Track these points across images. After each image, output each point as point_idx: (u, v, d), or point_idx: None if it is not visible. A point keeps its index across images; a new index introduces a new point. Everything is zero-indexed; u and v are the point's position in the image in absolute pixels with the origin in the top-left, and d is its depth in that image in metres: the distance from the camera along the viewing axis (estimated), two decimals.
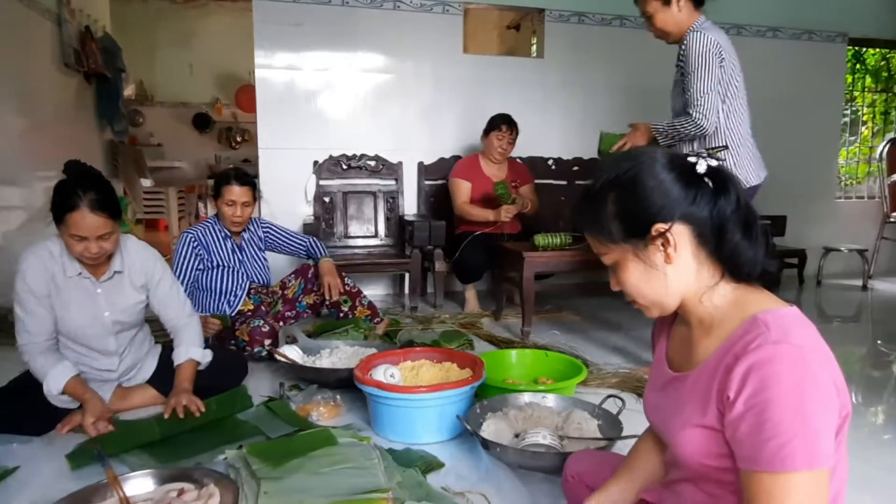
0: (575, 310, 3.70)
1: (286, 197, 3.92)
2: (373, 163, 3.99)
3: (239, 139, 8.45)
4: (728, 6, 4.51)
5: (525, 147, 3.96)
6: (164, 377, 2.14)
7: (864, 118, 5.42)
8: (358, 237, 3.98)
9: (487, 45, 5.66)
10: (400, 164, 4.05)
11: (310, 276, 2.96)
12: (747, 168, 2.36)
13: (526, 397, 1.96)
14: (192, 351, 2.11)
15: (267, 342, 2.59)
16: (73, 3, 4.52)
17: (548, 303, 3.81)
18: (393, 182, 4.04)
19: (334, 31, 3.90)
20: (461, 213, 3.68)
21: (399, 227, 3.99)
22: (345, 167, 3.96)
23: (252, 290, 2.91)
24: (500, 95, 4.12)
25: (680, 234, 0.91)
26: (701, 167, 0.92)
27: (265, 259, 2.99)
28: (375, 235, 4.00)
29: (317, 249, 3.01)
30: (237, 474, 1.58)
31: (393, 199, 4.03)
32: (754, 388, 0.80)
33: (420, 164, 4.08)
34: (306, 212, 3.95)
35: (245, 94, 7.99)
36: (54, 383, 1.88)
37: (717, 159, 1.00)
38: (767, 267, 0.93)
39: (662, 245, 0.92)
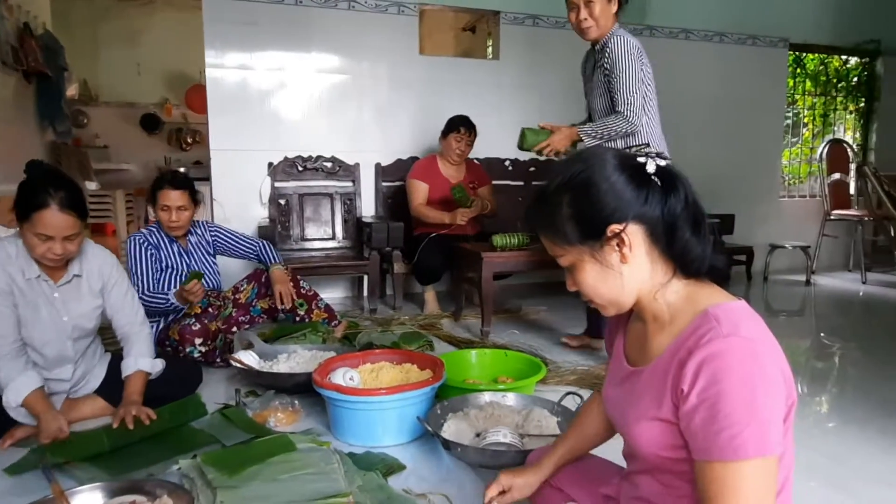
0: (533, 308, 3.74)
1: (240, 199, 3.83)
2: (329, 164, 3.95)
3: (190, 140, 8.24)
4: (676, 11, 4.67)
5: (482, 148, 3.98)
6: (113, 387, 2.07)
7: (805, 121, 5.66)
8: (315, 239, 3.92)
9: (443, 47, 5.67)
10: (357, 165, 4.01)
11: (263, 280, 2.89)
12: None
13: (486, 397, 1.97)
14: (141, 362, 2.04)
15: (198, 341, 2.55)
16: None
17: (507, 302, 3.84)
18: (350, 184, 4.00)
19: (288, 30, 3.83)
20: (417, 215, 3.66)
21: (357, 228, 3.95)
22: (300, 169, 3.90)
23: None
24: (456, 97, 4.13)
25: (634, 233, 0.93)
26: (650, 167, 0.94)
27: (215, 264, 2.91)
28: (333, 237, 3.95)
29: (268, 255, 2.91)
30: (192, 484, 1.53)
31: (350, 200, 3.99)
32: (707, 381, 0.83)
33: (377, 166, 4.06)
34: (261, 214, 3.87)
35: (196, 95, 7.79)
36: (14, 395, 1.78)
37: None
38: (715, 262, 0.95)
39: (618, 245, 0.93)
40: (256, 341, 2.68)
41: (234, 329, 2.77)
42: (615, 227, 0.92)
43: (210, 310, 2.76)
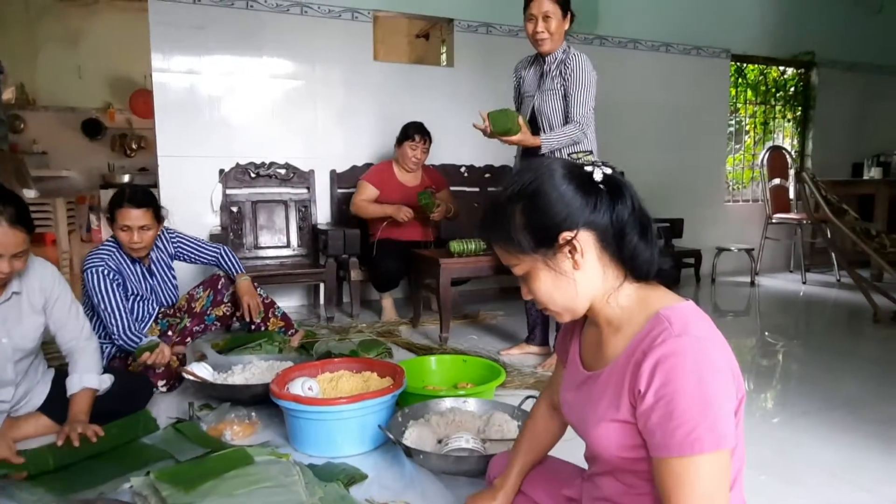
0: (490, 313, 3.77)
1: (190, 207, 3.72)
2: (283, 171, 3.88)
3: (135, 146, 7.99)
4: (626, 22, 4.81)
5: (438, 154, 3.99)
6: (57, 403, 1.96)
7: (747, 128, 5.91)
8: (269, 247, 3.85)
9: (397, 53, 5.68)
10: (312, 172, 3.96)
11: (219, 287, 2.78)
12: None
13: (447, 403, 1.96)
14: (87, 378, 1.94)
15: (161, 383, 2.39)
16: None
17: (464, 307, 3.86)
18: (305, 190, 3.94)
19: (238, 35, 3.76)
20: (357, 211, 3.60)
21: (312, 236, 3.89)
22: (253, 175, 3.82)
23: (160, 315, 2.70)
24: (412, 103, 4.13)
25: (585, 240, 0.96)
26: (597, 175, 0.97)
27: (175, 277, 2.75)
28: (287, 245, 3.88)
29: (231, 264, 2.79)
30: (145, 502, 1.47)
31: (305, 207, 3.93)
32: (662, 380, 0.86)
33: (332, 172, 4.01)
34: (213, 222, 3.77)
35: (141, 99, 7.55)
36: None
37: (580, 159, 1.07)
38: (663, 265, 1.00)
39: (570, 252, 0.96)
40: (210, 352, 2.61)
41: (189, 339, 2.69)
42: (567, 235, 0.95)
43: (170, 332, 2.63)
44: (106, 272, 2.39)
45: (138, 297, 2.57)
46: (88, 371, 1.96)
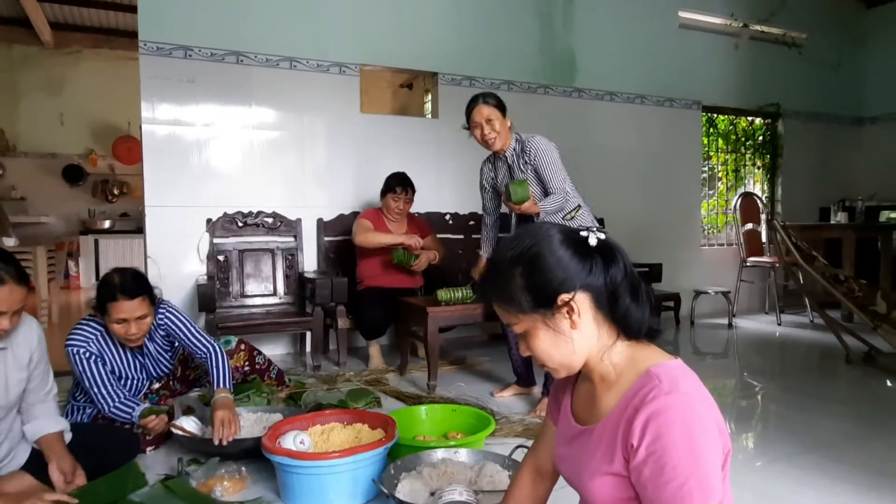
0: (477, 359, 3.80)
1: (177, 256, 3.74)
2: (270, 220, 3.93)
3: (116, 192, 7.96)
4: (601, 76, 5.03)
5: (423, 203, 4.08)
6: (42, 462, 1.93)
7: (720, 175, 6.13)
8: (255, 296, 3.85)
9: (381, 103, 5.83)
10: (299, 220, 4.01)
11: None
12: (590, 213, 2.95)
13: (439, 454, 1.97)
14: (46, 424, 1.91)
15: (149, 448, 2.34)
16: None
17: (450, 354, 3.88)
18: (292, 239, 3.98)
19: (228, 87, 3.84)
20: (364, 239, 3.60)
21: (299, 284, 3.91)
22: (240, 224, 3.85)
23: (148, 392, 2.56)
24: (397, 153, 4.24)
25: (582, 301, 1.01)
26: (592, 241, 1.04)
27: (170, 347, 2.54)
28: (274, 293, 3.89)
29: (219, 372, 2.35)
30: None
31: (292, 255, 3.97)
32: (653, 436, 0.91)
33: (319, 221, 4.07)
34: (199, 271, 3.78)
35: (124, 145, 7.60)
36: None
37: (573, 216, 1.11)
38: (653, 325, 1.06)
39: (568, 313, 1.01)
40: (197, 406, 2.58)
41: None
42: (565, 297, 1.00)
43: (161, 403, 2.56)
44: (87, 355, 2.26)
45: (130, 380, 2.45)
46: (48, 416, 1.94)
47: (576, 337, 1.02)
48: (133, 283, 2.22)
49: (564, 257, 1.02)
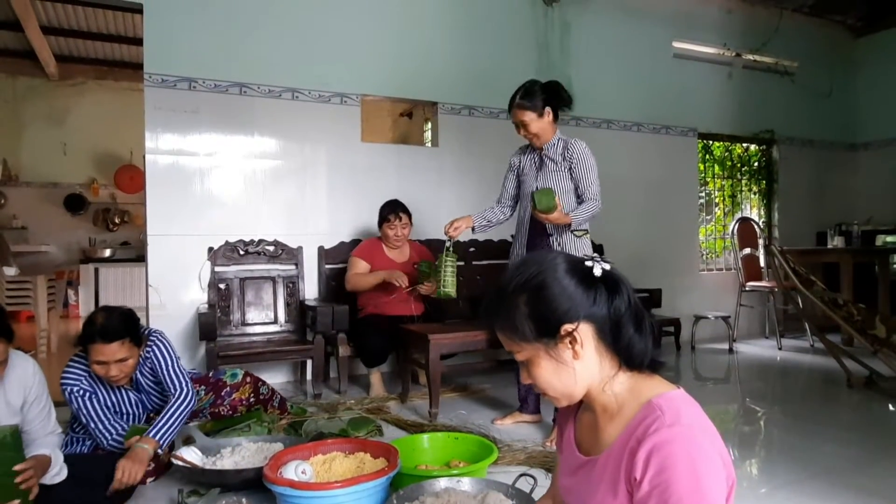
0: (479, 386, 3.78)
1: (178, 284, 3.75)
2: (272, 248, 3.95)
3: (118, 220, 8.00)
4: (599, 104, 5.11)
5: (424, 230, 4.12)
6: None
7: (717, 200, 6.18)
8: (256, 324, 3.85)
9: (381, 132, 5.89)
10: (300, 248, 4.03)
11: (222, 393, 2.69)
12: (590, 247, 2.96)
13: (442, 483, 1.95)
14: (51, 450, 1.89)
15: (150, 480, 2.32)
16: None
17: (451, 381, 3.86)
18: (293, 267, 4.00)
19: (231, 118, 3.90)
20: (353, 285, 3.65)
21: (300, 312, 3.92)
22: (242, 252, 3.87)
23: (145, 420, 2.54)
24: (398, 181, 4.29)
25: (585, 332, 1.02)
26: (597, 271, 1.05)
27: (159, 382, 2.48)
28: (275, 321, 3.89)
29: (168, 418, 2.25)
30: None
31: (293, 283, 3.98)
32: (656, 469, 0.91)
33: (320, 249, 4.09)
34: (201, 299, 3.79)
35: (125, 175, 7.67)
36: None
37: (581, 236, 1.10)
38: (656, 357, 1.06)
39: (570, 343, 1.02)
40: (198, 435, 2.56)
41: None
42: (568, 327, 1.01)
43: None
44: (81, 392, 2.26)
45: (125, 417, 2.44)
46: (45, 447, 1.92)
47: (577, 367, 1.03)
48: (116, 325, 2.16)
49: (569, 287, 1.02)
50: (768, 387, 4.11)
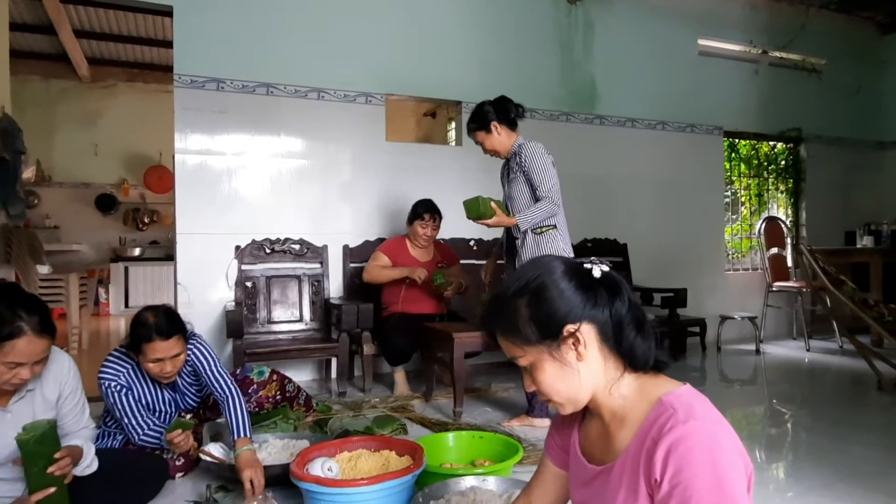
0: (502, 386, 3.78)
1: (206, 283, 3.82)
2: (297, 246, 4.00)
3: (147, 220, 8.16)
4: (622, 103, 5.08)
5: (448, 229, 4.13)
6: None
7: (743, 199, 6.10)
8: (282, 322, 3.90)
9: (405, 131, 5.93)
10: (325, 247, 4.07)
11: (249, 391, 2.71)
12: (567, 242, 2.94)
13: (467, 481, 1.96)
14: (83, 442, 1.91)
15: (178, 475, 2.36)
16: None
17: (475, 380, 3.87)
18: (318, 265, 4.04)
19: (257, 118, 3.96)
20: (371, 276, 3.70)
21: (324, 310, 3.96)
22: (268, 251, 3.93)
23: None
24: (422, 180, 4.31)
25: (587, 332, 1.02)
26: (596, 273, 1.05)
27: (197, 381, 2.52)
28: (300, 320, 3.94)
29: (237, 420, 2.23)
30: None
31: (318, 282, 4.02)
32: (675, 468, 0.90)
33: (345, 248, 4.13)
34: (227, 297, 3.85)
35: (154, 175, 7.82)
36: None
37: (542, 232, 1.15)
38: (659, 357, 1.06)
39: (573, 344, 1.02)
40: (226, 431, 2.60)
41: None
42: (570, 327, 1.01)
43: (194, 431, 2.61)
44: (118, 388, 2.30)
45: (160, 413, 2.47)
46: (79, 438, 1.94)
47: (582, 369, 1.03)
48: (167, 322, 2.22)
49: (568, 289, 1.03)
50: (796, 389, 4.04)
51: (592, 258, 1.08)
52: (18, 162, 5.21)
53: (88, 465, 1.98)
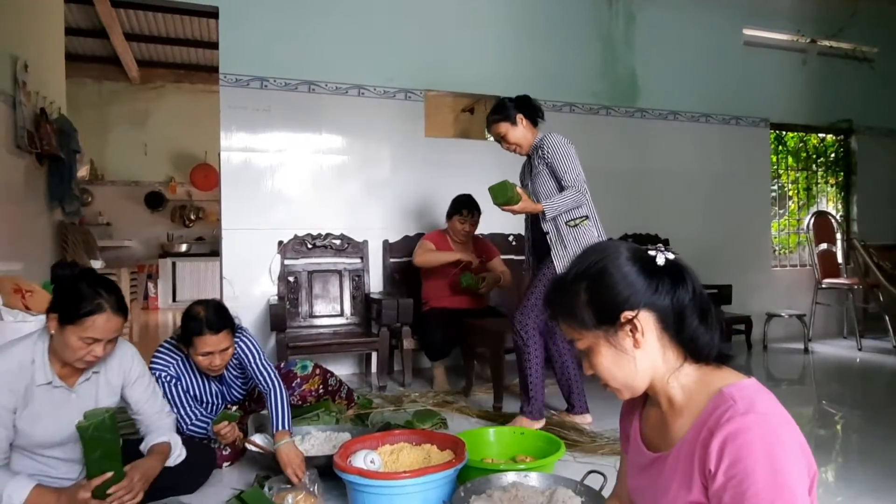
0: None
1: (250, 277, 3.92)
2: (338, 241, 4.06)
3: (193, 217, 8.39)
4: (664, 96, 4.98)
5: (487, 224, 4.12)
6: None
7: (790, 193, 5.91)
8: (323, 316, 3.97)
9: (443, 127, 5.95)
10: (365, 242, 4.13)
11: (293, 385, 2.77)
12: (601, 232, 2.84)
13: (509, 477, 1.95)
14: (152, 439, 1.99)
15: (226, 464, 2.43)
16: (30, 85, 4.53)
17: (514, 376, 3.86)
18: (358, 260, 4.10)
19: (300, 115, 4.04)
20: (422, 260, 3.71)
21: (365, 305, 4.02)
22: (310, 246, 4.00)
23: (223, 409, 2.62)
24: (459, 176, 4.32)
25: (646, 320, 1.01)
26: (660, 260, 1.03)
27: (244, 375, 2.58)
28: (341, 314, 4.01)
29: (279, 413, 2.27)
30: None
31: (358, 276, 4.08)
32: (731, 460, 0.88)
33: (385, 242, 4.18)
34: (270, 292, 3.94)
35: (200, 173, 8.03)
36: (17, 495, 1.68)
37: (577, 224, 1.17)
38: (723, 350, 1.03)
39: (631, 331, 1.01)
40: (270, 422, 2.67)
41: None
42: (628, 314, 1.00)
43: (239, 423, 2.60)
44: (168, 378, 2.37)
45: (205, 403, 2.54)
46: (171, 430, 2.04)
47: (638, 356, 1.01)
48: (217, 316, 2.28)
49: (630, 274, 1.01)
50: (846, 389, 3.91)
51: (658, 245, 1.07)
52: (74, 161, 5.44)
53: (178, 454, 2.07)
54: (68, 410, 1.83)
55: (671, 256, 1.04)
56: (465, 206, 3.73)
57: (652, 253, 1.04)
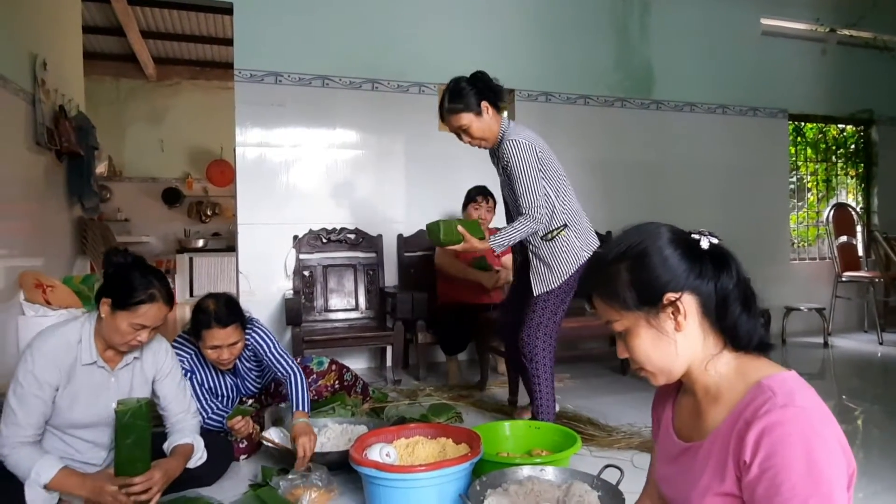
0: (557, 376, 3.74)
1: (266, 272, 3.94)
2: (353, 236, 4.07)
3: (209, 213, 8.46)
4: (680, 87, 4.92)
5: (501, 219, 4.11)
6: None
7: (809, 185, 5.83)
8: (338, 310, 3.99)
9: None
10: (380, 236, 4.13)
11: (309, 380, 2.77)
12: (585, 237, 2.47)
13: (525, 471, 1.95)
14: (177, 439, 2.02)
15: (242, 457, 2.45)
16: (49, 83, 4.58)
17: None
18: (373, 254, 4.11)
19: (314, 110, 4.04)
20: (452, 272, 3.69)
21: (380, 299, 4.03)
22: (325, 241, 4.02)
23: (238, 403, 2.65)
24: (474, 169, 4.25)
25: (689, 303, 0.98)
26: (704, 244, 1.01)
27: (259, 367, 2.60)
28: (356, 308, 4.02)
29: (298, 395, 2.35)
30: None
31: (373, 271, 4.09)
32: (767, 452, 0.86)
33: (399, 237, 4.18)
34: (286, 286, 3.96)
35: (216, 169, 8.08)
36: (45, 473, 1.71)
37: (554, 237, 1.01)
38: (764, 339, 1.01)
39: (673, 313, 0.98)
40: (286, 416, 2.68)
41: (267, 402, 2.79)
42: (671, 296, 0.97)
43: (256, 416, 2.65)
44: (183, 372, 2.29)
45: (220, 396, 2.57)
46: (183, 434, 2.05)
47: (679, 340, 0.99)
48: (226, 310, 2.28)
49: (673, 257, 0.99)
50: (867, 384, 3.86)
51: (702, 229, 1.04)
52: (92, 157, 5.50)
53: (200, 457, 2.10)
54: (106, 393, 1.90)
55: (715, 241, 1.02)
56: (479, 193, 3.72)
57: (695, 236, 1.02)
